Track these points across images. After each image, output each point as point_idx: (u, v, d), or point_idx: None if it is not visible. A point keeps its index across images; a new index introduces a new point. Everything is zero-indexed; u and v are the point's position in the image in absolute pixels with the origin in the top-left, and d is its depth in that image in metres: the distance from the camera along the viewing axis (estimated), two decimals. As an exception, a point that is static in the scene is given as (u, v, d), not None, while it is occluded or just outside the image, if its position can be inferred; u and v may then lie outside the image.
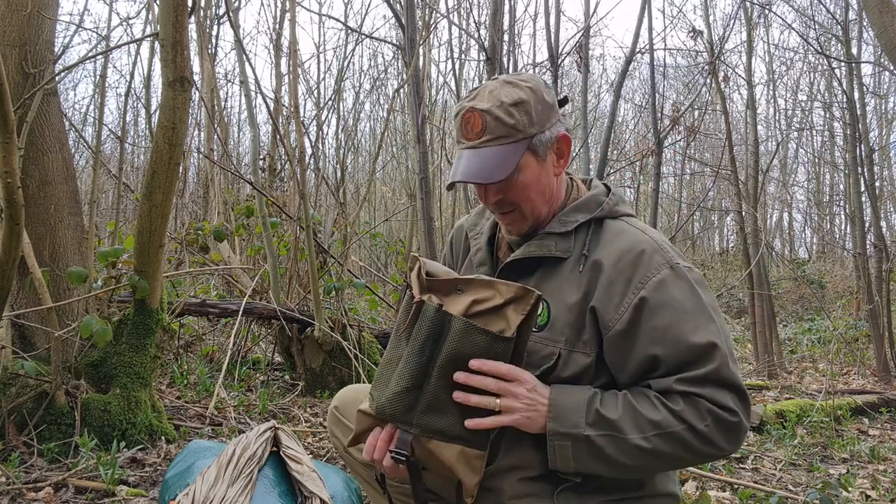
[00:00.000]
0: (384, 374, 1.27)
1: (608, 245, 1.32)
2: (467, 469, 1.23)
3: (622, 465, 1.22)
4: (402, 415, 1.22)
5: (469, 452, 1.23)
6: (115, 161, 6.04)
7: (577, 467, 1.23)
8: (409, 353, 1.22)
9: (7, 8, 3.00)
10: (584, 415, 1.22)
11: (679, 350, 1.22)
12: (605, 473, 1.25)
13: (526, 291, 1.20)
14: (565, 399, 1.25)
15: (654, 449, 1.20)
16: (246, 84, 4.64)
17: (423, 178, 4.38)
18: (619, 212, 1.39)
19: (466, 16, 8.34)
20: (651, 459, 1.21)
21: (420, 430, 1.21)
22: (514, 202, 1.35)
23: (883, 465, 3.23)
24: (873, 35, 4.13)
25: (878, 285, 6.14)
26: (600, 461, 1.22)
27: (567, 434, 1.22)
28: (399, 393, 1.21)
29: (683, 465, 1.31)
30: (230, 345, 4.02)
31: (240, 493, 1.73)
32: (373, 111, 11.96)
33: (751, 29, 7.60)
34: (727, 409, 1.19)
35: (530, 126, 1.31)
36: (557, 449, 1.23)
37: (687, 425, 1.19)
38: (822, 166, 14.98)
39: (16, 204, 2.19)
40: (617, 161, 7.62)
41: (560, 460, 1.23)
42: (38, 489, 2.28)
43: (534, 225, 1.39)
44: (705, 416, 1.19)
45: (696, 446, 1.20)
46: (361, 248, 9.11)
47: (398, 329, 1.27)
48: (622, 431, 1.20)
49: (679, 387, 1.21)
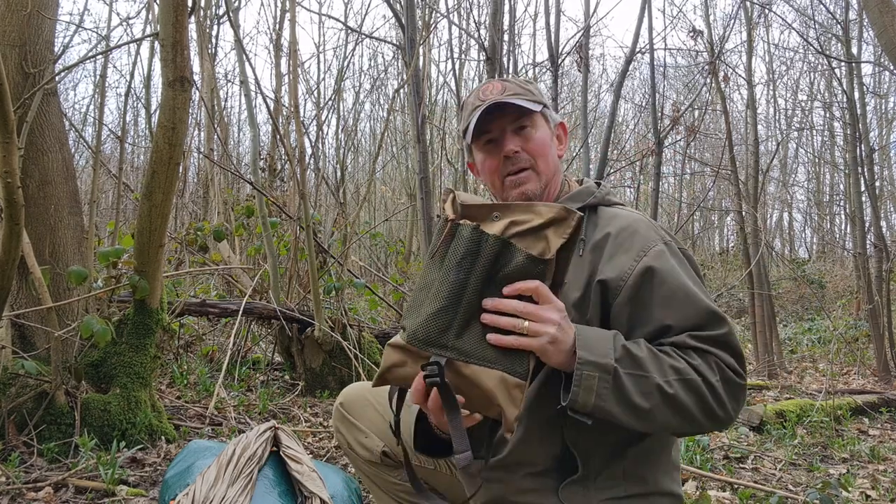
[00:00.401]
0: (417, 299, 1.20)
1: (605, 227, 1.35)
2: (508, 399, 1.14)
3: (638, 409, 1.17)
4: (437, 336, 1.14)
5: (509, 380, 1.14)
6: (115, 161, 6.04)
7: (596, 403, 1.16)
8: (445, 273, 1.16)
9: (7, 8, 3.00)
10: (611, 348, 1.18)
11: (689, 313, 1.24)
12: (617, 417, 1.18)
13: (568, 212, 1.16)
14: (591, 332, 1.21)
15: (674, 395, 1.17)
16: (246, 84, 4.64)
17: (423, 177, 4.38)
18: (610, 200, 1.44)
19: (466, 16, 8.35)
20: (667, 408, 1.18)
21: (456, 353, 1.14)
22: (531, 155, 1.40)
23: (883, 465, 3.23)
24: (873, 35, 4.13)
25: (878, 285, 6.14)
26: (621, 401, 1.17)
27: (596, 364, 1.16)
28: (434, 314, 1.15)
29: (691, 428, 1.23)
30: (230, 345, 4.02)
31: (240, 493, 1.73)
32: (373, 111, 11.98)
33: (751, 29, 7.60)
34: (734, 370, 1.22)
35: (541, 97, 1.43)
36: (584, 379, 1.16)
37: (702, 378, 1.19)
38: (822, 166, 14.99)
39: (16, 204, 2.19)
40: (617, 161, 7.62)
41: (582, 392, 1.16)
42: (38, 489, 2.28)
43: (543, 190, 1.42)
44: (716, 371, 1.21)
45: (708, 401, 1.19)
46: (361, 248, 9.11)
47: (432, 253, 1.21)
48: (647, 370, 1.18)
49: (693, 342, 1.22)
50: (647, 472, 1.33)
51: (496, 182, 1.44)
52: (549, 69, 5.29)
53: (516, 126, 1.40)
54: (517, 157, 1.40)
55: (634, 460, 1.31)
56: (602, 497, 1.29)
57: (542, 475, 1.31)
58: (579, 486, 1.29)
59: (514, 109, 1.38)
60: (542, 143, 1.41)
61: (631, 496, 1.31)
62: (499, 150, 1.41)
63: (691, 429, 1.23)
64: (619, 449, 1.31)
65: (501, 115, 1.39)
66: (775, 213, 16.04)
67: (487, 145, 1.43)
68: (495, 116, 1.39)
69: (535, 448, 1.31)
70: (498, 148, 1.41)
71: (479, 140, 1.43)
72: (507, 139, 1.40)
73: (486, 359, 1.15)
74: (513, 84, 1.42)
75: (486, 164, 1.44)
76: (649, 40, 5.78)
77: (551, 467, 1.30)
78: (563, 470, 1.30)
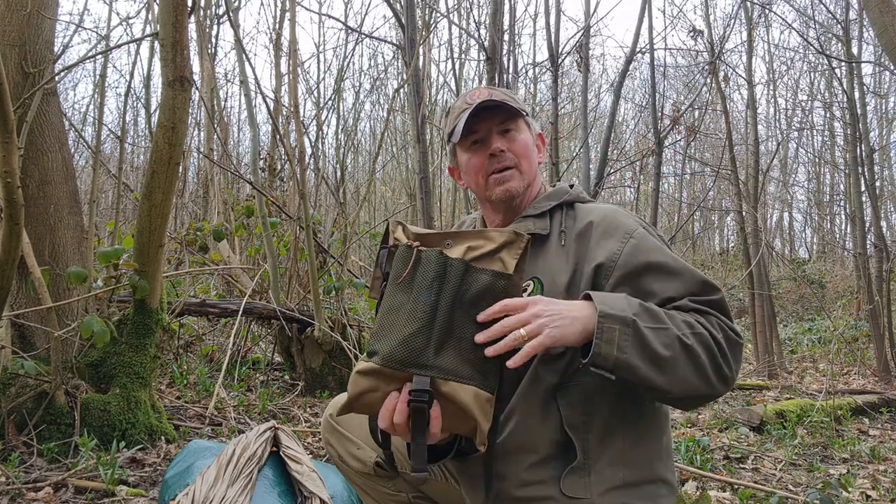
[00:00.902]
0: (387, 322, 1.23)
1: (585, 218, 1.43)
2: (481, 413, 1.21)
3: (660, 360, 1.21)
4: (416, 357, 1.19)
5: (482, 395, 1.21)
6: (114, 161, 6.05)
7: (618, 355, 1.20)
8: (416, 295, 1.22)
9: (7, 8, 3.00)
10: (628, 305, 1.24)
11: (686, 282, 1.32)
12: (640, 370, 1.21)
13: (518, 235, 1.25)
14: (605, 294, 1.27)
15: (692, 346, 1.22)
16: (246, 84, 4.64)
17: (423, 177, 4.38)
18: (584, 198, 1.52)
19: (466, 16, 8.35)
20: (687, 360, 1.22)
21: (437, 371, 1.19)
22: (515, 155, 1.47)
23: (883, 465, 3.23)
24: (873, 35, 4.13)
25: (878, 285, 6.14)
26: (642, 352, 1.20)
27: (615, 317, 1.20)
28: (411, 335, 1.20)
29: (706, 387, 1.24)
30: (230, 345, 4.02)
31: (240, 493, 1.73)
32: (373, 111, 11.97)
33: (751, 29, 7.60)
34: (733, 329, 1.29)
35: (524, 107, 1.51)
36: (605, 331, 1.19)
37: (710, 334, 1.25)
38: (822, 166, 14.98)
39: (16, 204, 2.19)
40: (617, 161, 7.61)
41: (604, 345, 1.19)
42: (37, 489, 2.28)
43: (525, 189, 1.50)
44: (719, 330, 1.27)
45: (717, 357, 1.24)
46: (361, 248, 9.12)
47: (396, 279, 1.26)
48: (665, 323, 1.23)
49: (694, 305, 1.29)
50: (643, 456, 1.35)
51: (480, 181, 1.50)
52: (549, 69, 5.29)
53: (502, 128, 1.48)
54: (503, 156, 1.47)
55: (630, 442, 1.34)
56: (601, 488, 1.30)
57: (543, 464, 1.32)
58: (580, 475, 1.31)
59: (503, 111, 1.46)
60: (525, 146, 1.49)
61: (627, 484, 1.32)
62: (484, 149, 1.48)
63: (705, 388, 1.24)
64: (615, 430, 1.33)
65: (489, 117, 1.46)
66: (775, 213, 16.06)
67: (473, 146, 1.50)
68: (483, 118, 1.46)
69: (534, 433, 1.33)
70: (484, 147, 1.48)
71: (466, 140, 1.49)
72: (493, 138, 1.47)
73: (463, 376, 1.20)
74: (498, 92, 1.49)
75: (471, 163, 1.50)
76: (649, 40, 5.78)
77: (552, 454, 1.32)
78: (562, 457, 1.32)
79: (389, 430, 1.23)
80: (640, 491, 1.33)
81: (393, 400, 1.20)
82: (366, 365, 1.22)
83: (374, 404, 1.22)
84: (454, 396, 1.19)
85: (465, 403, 1.19)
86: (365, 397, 1.22)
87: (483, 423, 1.21)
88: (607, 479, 1.31)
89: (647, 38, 5.79)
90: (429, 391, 1.18)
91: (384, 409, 1.21)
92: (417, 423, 1.19)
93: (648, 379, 1.21)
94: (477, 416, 1.20)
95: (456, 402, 1.20)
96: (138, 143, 10.61)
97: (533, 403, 1.32)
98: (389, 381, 1.20)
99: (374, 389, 1.21)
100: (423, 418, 1.18)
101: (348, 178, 9.02)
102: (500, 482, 1.35)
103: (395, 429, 1.21)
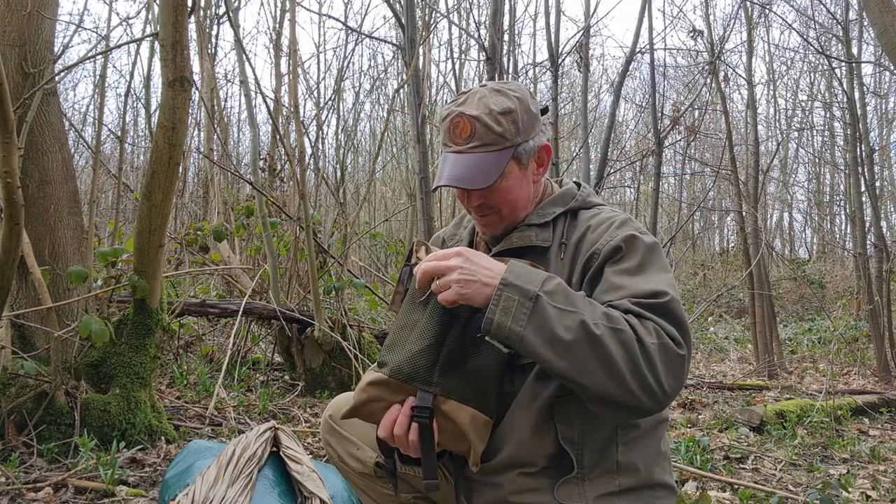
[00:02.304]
0: (399, 337, 1.30)
1: (583, 225, 1.41)
2: (477, 435, 1.27)
3: (556, 341, 1.14)
4: (424, 373, 1.25)
5: (480, 418, 1.27)
6: (114, 161, 6.05)
7: (512, 326, 1.16)
8: (430, 314, 1.28)
9: (7, 8, 3.00)
10: (543, 280, 1.19)
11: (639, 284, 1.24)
12: (534, 347, 1.15)
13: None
14: (524, 266, 1.24)
15: (600, 338, 1.13)
16: (246, 84, 4.64)
17: (423, 178, 4.38)
18: (590, 203, 1.47)
19: (466, 16, 8.36)
20: (590, 349, 1.14)
21: (440, 389, 1.25)
22: (494, 206, 1.41)
23: (883, 465, 3.23)
24: (873, 35, 4.12)
25: (878, 285, 6.14)
26: (539, 329, 1.15)
27: (517, 287, 1.17)
28: (421, 351, 1.25)
29: (621, 390, 1.14)
30: (230, 345, 4.02)
31: (240, 493, 1.73)
32: (373, 111, 11.98)
33: (751, 29, 7.60)
34: (673, 338, 1.17)
35: (516, 135, 1.37)
36: (502, 300, 1.17)
37: (637, 336, 1.15)
38: (822, 166, 14.98)
39: (16, 204, 2.19)
40: (617, 161, 7.61)
41: (499, 313, 1.16)
42: (37, 489, 2.28)
43: (512, 225, 1.45)
44: (653, 334, 1.16)
45: (639, 363, 1.13)
46: (361, 248, 9.12)
47: (413, 298, 1.32)
48: (576, 307, 1.17)
49: (633, 306, 1.20)
50: (639, 460, 1.34)
51: (467, 211, 1.50)
52: (549, 69, 5.29)
53: None
54: (481, 208, 1.42)
55: (626, 449, 1.33)
56: (597, 493, 1.29)
57: (538, 475, 1.32)
58: (574, 483, 1.30)
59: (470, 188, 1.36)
60: (506, 193, 1.39)
61: (624, 490, 1.31)
62: (463, 197, 1.43)
63: (621, 392, 1.13)
64: (612, 442, 1.32)
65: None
66: (775, 213, 16.05)
67: None
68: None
69: (529, 447, 1.31)
70: (462, 193, 1.43)
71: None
72: (469, 194, 1.41)
73: (464, 396, 1.26)
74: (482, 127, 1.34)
75: (458, 193, 1.47)
76: (649, 40, 5.78)
77: (547, 466, 1.31)
78: (558, 469, 1.31)
79: (388, 441, 1.28)
80: (637, 496, 1.32)
81: (395, 412, 1.26)
82: (375, 375, 1.28)
83: (377, 413, 1.29)
84: (453, 415, 1.25)
85: (462, 423, 1.25)
86: (369, 406, 1.29)
87: (478, 444, 1.27)
88: (602, 486, 1.30)
89: (647, 38, 5.79)
90: (429, 408, 1.24)
91: (385, 419, 1.27)
92: (425, 436, 1.24)
93: (546, 360, 1.15)
94: (472, 437, 1.26)
95: (454, 420, 1.26)
96: (138, 143, 10.62)
97: (528, 418, 1.31)
98: (395, 393, 1.27)
99: (379, 399, 1.28)
100: (430, 432, 1.24)
101: (348, 178, 9.02)
102: (494, 490, 1.34)
103: (394, 439, 1.27)
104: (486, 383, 1.29)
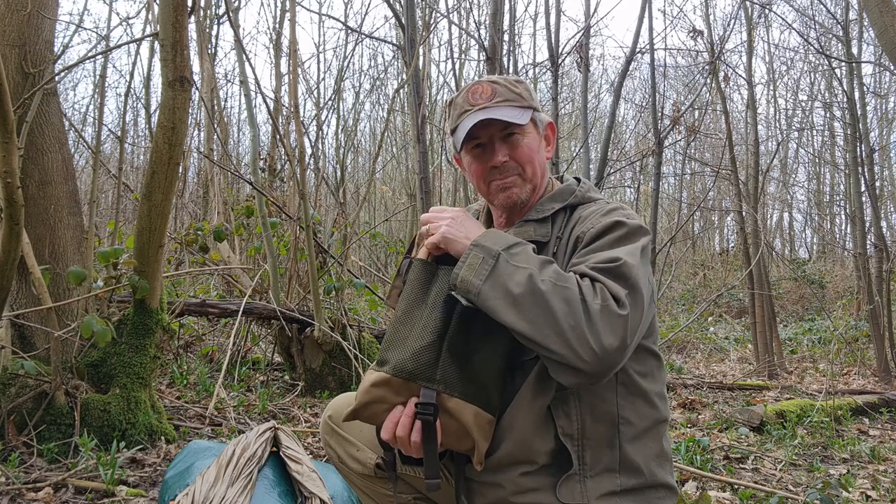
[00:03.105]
0: (399, 334, 1.30)
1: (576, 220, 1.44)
2: (481, 433, 1.26)
3: (509, 295, 1.20)
4: (427, 370, 1.24)
5: (483, 416, 1.26)
6: (114, 161, 6.05)
7: (472, 281, 1.24)
8: (430, 310, 1.28)
9: (7, 8, 3.00)
10: (511, 244, 1.28)
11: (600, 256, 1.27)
12: (493, 300, 1.21)
13: None
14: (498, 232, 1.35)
15: (544, 293, 1.18)
16: (246, 84, 4.64)
17: (423, 178, 4.38)
18: (589, 198, 1.49)
19: (466, 16, 8.36)
20: (535, 303, 1.18)
21: (443, 386, 1.24)
22: (518, 163, 1.45)
23: (883, 465, 3.23)
24: (874, 35, 4.12)
25: (878, 285, 6.14)
26: (497, 284, 1.22)
27: (484, 247, 1.27)
28: (423, 348, 1.24)
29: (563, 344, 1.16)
30: (230, 345, 4.02)
31: (240, 493, 1.73)
32: (373, 111, 11.99)
33: (751, 29, 7.60)
34: (617, 299, 1.19)
35: (531, 100, 1.48)
36: (469, 257, 1.27)
37: (581, 294, 1.18)
38: (822, 166, 14.99)
39: (15, 204, 2.19)
40: (617, 161, 7.61)
41: (465, 269, 1.26)
42: (37, 489, 2.28)
43: (530, 194, 1.49)
44: (598, 295, 1.19)
45: (580, 318, 1.16)
46: (361, 248, 9.11)
47: (411, 292, 1.33)
48: (528, 264, 1.23)
49: (590, 271, 1.24)
50: (641, 460, 1.34)
51: (482, 186, 1.51)
52: (549, 69, 5.29)
53: (504, 134, 1.45)
54: (505, 167, 1.46)
55: (627, 449, 1.33)
56: (599, 492, 1.30)
57: (539, 474, 1.32)
58: (576, 481, 1.30)
59: (501, 124, 1.44)
60: (529, 151, 1.46)
61: (626, 490, 1.31)
62: (487, 157, 1.46)
63: (564, 348, 1.15)
64: (613, 440, 1.32)
65: (490, 123, 1.44)
66: (775, 213, 16.04)
67: (476, 149, 1.48)
68: (484, 123, 1.43)
69: (529, 444, 1.32)
70: (486, 154, 1.47)
71: (468, 144, 1.48)
72: (495, 148, 1.45)
73: (467, 394, 1.25)
74: (502, 87, 1.45)
75: (473, 167, 1.50)
76: (649, 40, 5.78)
77: (547, 463, 1.32)
78: (558, 466, 1.31)
79: (391, 442, 1.27)
80: (638, 495, 1.32)
81: (397, 413, 1.25)
82: (377, 376, 1.26)
83: (380, 415, 1.27)
84: (457, 413, 1.24)
85: (467, 422, 1.24)
86: (372, 407, 1.27)
87: (481, 443, 1.26)
88: (604, 485, 1.30)
89: (647, 38, 5.79)
90: (434, 405, 1.22)
91: (388, 420, 1.26)
92: (428, 434, 1.23)
93: (499, 312, 1.20)
94: (476, 435, 1.25)
95: (458, 418, 1.25)
96: (138, 143, 10.62)
97: (529, 415, 1.32)
98: (397, 394, 1.25)
99: (381, 401, 1.26)
100: (434, 430, 1.23)
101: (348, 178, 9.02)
102: (495, 491, 1.34)
103: (396, 441, 1.26)
104: (488, 381, 1.28)
